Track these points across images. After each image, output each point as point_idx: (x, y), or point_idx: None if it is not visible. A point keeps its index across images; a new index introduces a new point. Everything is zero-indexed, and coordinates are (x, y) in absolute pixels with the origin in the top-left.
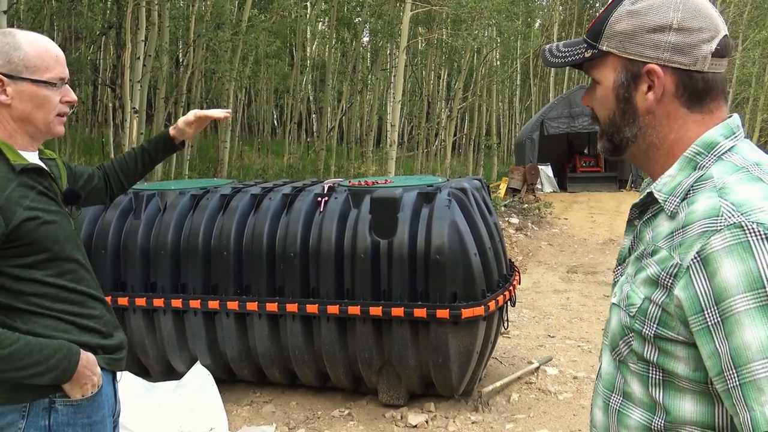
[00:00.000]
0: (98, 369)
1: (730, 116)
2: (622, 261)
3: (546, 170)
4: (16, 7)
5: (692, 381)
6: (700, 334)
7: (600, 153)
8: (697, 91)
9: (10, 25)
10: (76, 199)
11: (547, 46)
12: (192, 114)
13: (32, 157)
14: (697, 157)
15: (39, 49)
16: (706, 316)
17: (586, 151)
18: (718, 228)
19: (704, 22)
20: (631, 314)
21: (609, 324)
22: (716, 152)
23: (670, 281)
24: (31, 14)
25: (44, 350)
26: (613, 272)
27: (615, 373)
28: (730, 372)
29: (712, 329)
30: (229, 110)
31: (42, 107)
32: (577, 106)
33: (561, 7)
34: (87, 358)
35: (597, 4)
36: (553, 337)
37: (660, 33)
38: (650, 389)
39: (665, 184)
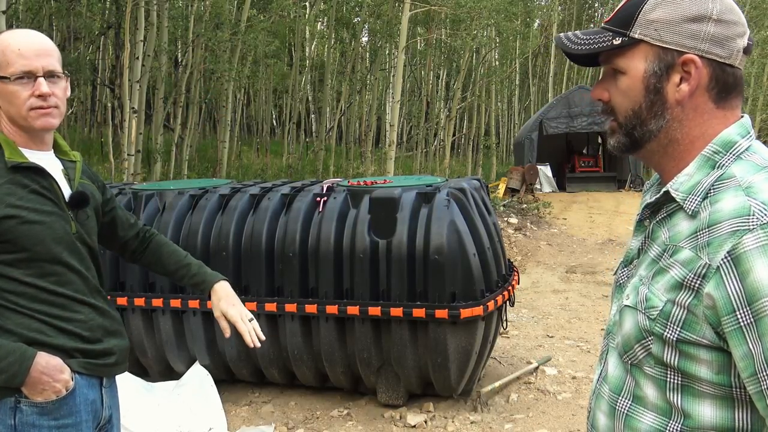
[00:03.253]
0: (64, 375)
1: (742, 116)
2: (629, 262)
3: (545, 170)
4: (14, 7)
5: (714, 385)
6: (733, 335)
7: (611, 149)
8: (727, 86)
9: (9, 25)
10: (82, 203)
11: (563, 34)
12: (230, 318)
13: (39, 155)
14: (716, 156)
15: (2, 45)
16: (739, 316)
17: (585, 151)
18: (750, 227)
19: (737, 17)
20: (651, 317)
21: (620, 327)
22: (735, 151)
23: (698, 282)
24: (30, 14)
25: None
26: (614, 273)
27: (624, 377)
28: (764, 373)
29: (745, 330)
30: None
31: (11, 103)
32: (576, 106)
33: (560, 7)
34: (47, 363)
35: (596, 4)
36: (552, 337)
37: (699, 23)
38: (668, 394)
39: (682, 183)
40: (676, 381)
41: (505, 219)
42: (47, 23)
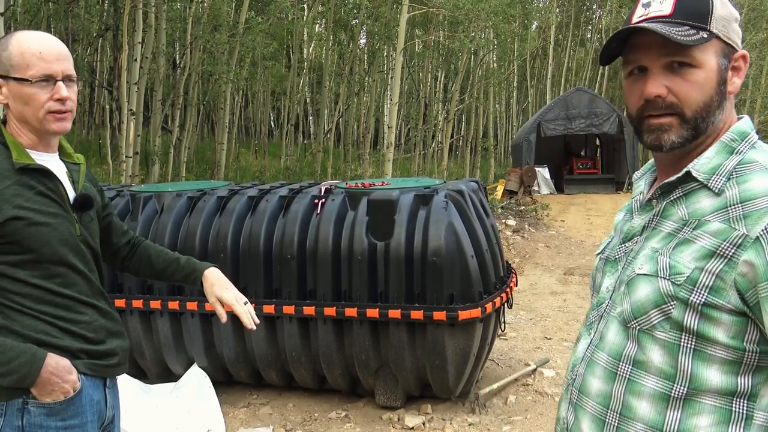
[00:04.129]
0: (72, 376)
1: (741, 117)
2: (629, 238)
3: (543, 172)
4: (12, 9)
5: (728, 348)
6: (766, 300)
7: (665, 146)
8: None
9: (7, 27)
10: (87, 205)
11: (645, 24)
12: (227, 304)
13: (44, 157)
14: (733, 142)
15: (21, 47)
16: None
17: (583, 153)
18: None
19: None
20: (677, 283)
21: (626, 295)
22: (749, 140)
23: (733, 251)
24: (28, 16)
25: (7, 352)
26: (599, 252)
27: (625, 343)
28: None
29: None
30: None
31: (28, 105)
32: (574, 108)
33: (558, 9)
34: (57, 364)
35: (594, 6)
36: (550, 339)
37: (736, 23)
38: (680, 357)
39: (703, 164)
40: (689, 345)
41: (503, 221)
42: (45, 25)
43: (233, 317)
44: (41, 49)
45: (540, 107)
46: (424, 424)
